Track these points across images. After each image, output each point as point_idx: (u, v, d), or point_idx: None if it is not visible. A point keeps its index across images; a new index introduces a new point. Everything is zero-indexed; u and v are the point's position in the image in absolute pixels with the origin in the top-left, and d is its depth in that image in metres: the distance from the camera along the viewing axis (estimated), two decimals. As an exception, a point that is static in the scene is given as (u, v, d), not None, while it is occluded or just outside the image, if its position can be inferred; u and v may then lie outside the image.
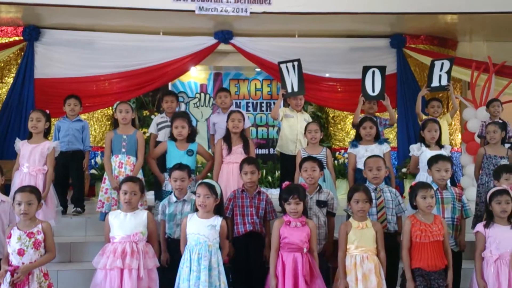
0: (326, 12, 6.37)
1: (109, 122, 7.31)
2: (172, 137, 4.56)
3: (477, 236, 3.59)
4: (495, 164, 4.57)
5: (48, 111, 4.62)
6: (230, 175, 4.54)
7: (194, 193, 3.61)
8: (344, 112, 7.76)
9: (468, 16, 6.53)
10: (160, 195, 4.61)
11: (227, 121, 4.72)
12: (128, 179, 3.75)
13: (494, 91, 6.62)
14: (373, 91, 5.53)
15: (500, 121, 5.25)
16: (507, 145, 4.98)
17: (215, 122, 5.52)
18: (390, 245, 3.58)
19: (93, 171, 6.58)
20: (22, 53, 6.84)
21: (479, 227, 3.57)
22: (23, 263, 3.25)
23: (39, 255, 3.31)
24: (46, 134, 4.59)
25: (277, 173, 7.00)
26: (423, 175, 4.36)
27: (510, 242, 3.45)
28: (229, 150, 4.61)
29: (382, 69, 5.57)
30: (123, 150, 4.70)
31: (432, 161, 3.95)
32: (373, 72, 5.54)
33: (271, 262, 3.48)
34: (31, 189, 3.45)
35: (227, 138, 4.68)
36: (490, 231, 3.51)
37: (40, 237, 3.33)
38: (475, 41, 7.74)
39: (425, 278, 3.43)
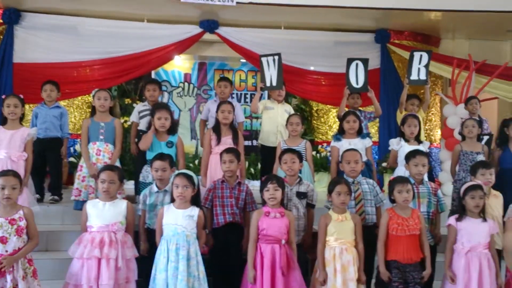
0: (312, 5, 6.34)
1: (90, 110, 7.20)
2: (149, 127, 4.49)
3: (449, 229, 3.67)
4: (472, 160, 4.65)
5: (22, 96, 4.55)
6: (218, 166, 4.51)
7: (174, 183, 3.59)
8: (328, 105, 7.79)
9: (452, 14, 6.60)
10: (139, 188, 4.54)
11: (216, 112, 4.69)
12: (107, 167, 3.72)
13: (474, 89, 6.71)
14: (357, 83, 5.58)
15: (477, 119, 5.35)
16: (485, 137, 5.09)
17: (210, 109, 5.49)
18: (368, 237, 3.62)
19: (72, 159, 6.50)
20: (1, 37, 6.67)
21: (451, 220, 3.65)
22: (6, 251, 3.20)
23: (22, 242, 3.27)
24: (21, 119, 4.54)
25: (260, 165, 7.01)
26: (401, 170, 4.42)
27: (481, 234, 3.55)
28: (218, 140, 4.60)
29: (365, 61, 5.61)
30: (101, 137, 4.68)
31: (410, 155, 4.00)
32: (357, 64, 5.59)
33: (249, 254, 3.49)
34: (15, 173, 3.40)
35: (216, 129, 4.67)
36: (462, 224, 3.59)
37: (22, 223, 3.28)
38: (458, 38, 7.84)
39: (400, 271, 3.48)
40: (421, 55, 5.82)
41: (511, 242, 2.44)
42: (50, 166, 5.27)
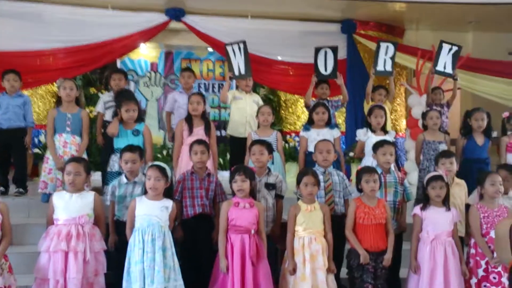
0: (279, -6, 6.37)
1: (54, 99, 7.01)
2: (115, 115, 4.43)
3: (414, 218, 3.79)
4: (434, 149, 4.79)
5: None
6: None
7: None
8: (296, 95, 7.83)
9: (416, 5, 6.72)
10: (106, 178, 4.49)
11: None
12: (73, 159, 3.67)
13: (437, 79, 6.88)
14: (326, 70, 5.63)
15: (438, 109, 5.48)
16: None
17: (177, 100, 5.45)
18: (337, 227, 3.69)
19: (36, 150, 6.32)
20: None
21: (416, 209, 3.78)
22: None
23: None
24: None
25: (228, 156, 7.00)
26: (368, 160, 4.51)
27: (445, 223, 3.69)
28: (190, 131, 4.58)
29: (334, 49, 5.67)
30: (68, 129, 4.59)
31: (378, 145, 4.10)
32: (325, 52, 5.64)
33: (220, 244, 3.51)
34: None
35: (188, 120, 4.64)
36: (427, 213, 3.72)
37: None
38: (422, 29, 7.99)
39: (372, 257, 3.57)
40: (387, 46, 5.92)
41: (503, 230, 2.57)
42: (14, 157, 5.10)
